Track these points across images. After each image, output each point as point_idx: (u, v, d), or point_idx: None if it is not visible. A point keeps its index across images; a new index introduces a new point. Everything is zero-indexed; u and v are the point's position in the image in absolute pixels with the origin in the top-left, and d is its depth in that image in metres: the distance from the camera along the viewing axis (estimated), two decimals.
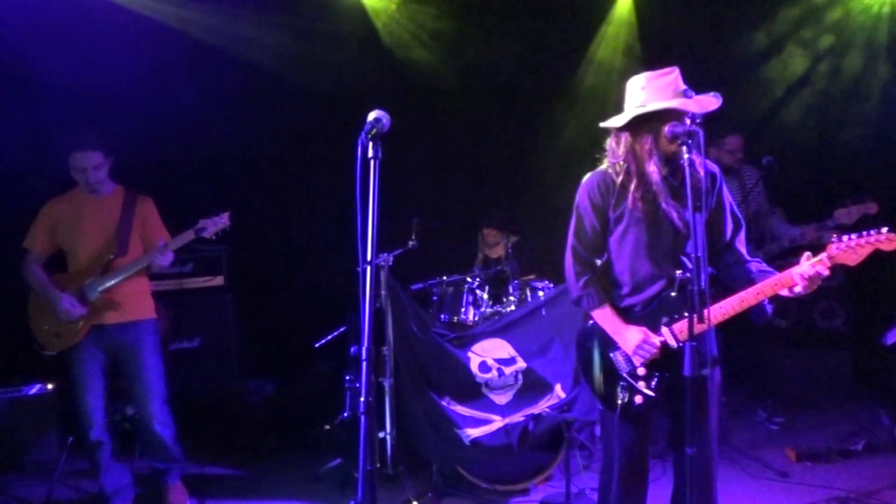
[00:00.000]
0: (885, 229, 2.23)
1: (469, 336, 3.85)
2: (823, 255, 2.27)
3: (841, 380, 5.08)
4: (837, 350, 5.16)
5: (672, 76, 2.42)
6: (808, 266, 2.26)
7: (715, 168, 2.55)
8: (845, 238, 2.25)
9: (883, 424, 4.42)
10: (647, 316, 2.46)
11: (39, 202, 3.50)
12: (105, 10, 4.81)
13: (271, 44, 5.39)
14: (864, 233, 2.24)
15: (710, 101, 2.38)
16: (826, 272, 2.25)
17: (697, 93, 2.39)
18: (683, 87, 2.39)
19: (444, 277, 4.34)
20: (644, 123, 2.42)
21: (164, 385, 3.51)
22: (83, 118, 4.54)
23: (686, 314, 2.32)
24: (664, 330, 2.41)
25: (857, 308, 5.26)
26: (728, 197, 2.56)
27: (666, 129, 2.31)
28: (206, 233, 3.44)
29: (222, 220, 3.48)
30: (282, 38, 5.41)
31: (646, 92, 2.43)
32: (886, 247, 2.22)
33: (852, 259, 2.26)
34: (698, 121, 2.33)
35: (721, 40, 5.60)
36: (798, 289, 2.28)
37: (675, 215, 2.42)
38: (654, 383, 2.42)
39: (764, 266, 2.51)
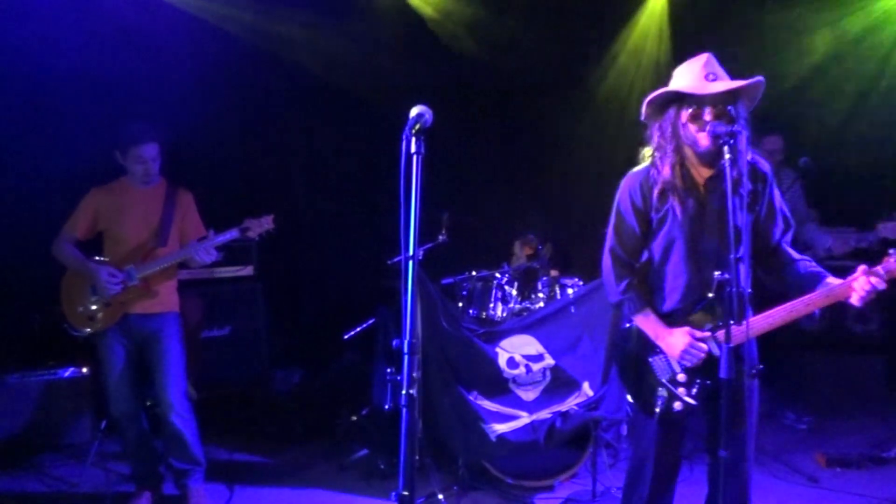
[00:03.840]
0: None
1: (498, 332, 3.85)
2: (880, 269, 2.19)
3: (874, 385, 5.00)
4: (871, 355, 5.07)
5: (700, 61, 2.35)
6: (865, 282, 2.19)
7: (767, 168, 2.45)
8: None
9: None
10: (691, 322, 2.39)
11: (75, 189, 3.54)
12: (145, 8, 4.88)
13: (308, 41, 5.42)
14: None
15: (725, 84, 2.28)
16: (883, 286, 2.18)
17: (734, 77, 2.32)
18: (708, 71, 2.31)
19: (474, 272, 4.34)
20: (664, 111, 2.38)
21: (184, 376, 3.50)
22: (123, 114, 4.60)
23: (731, 321, 2.29)
24: (708, 336, 2.35)
25: (892, 312, 5.15)
26: (779, 198, 2.49)
27: (707, 127, 2.27)
28: (251, 233, 3.50)
29: (267, 223, 3.53)
30: (317, 35, 5.44)
31: (673, 79, 2.41)
32: None
33: None
34: (740, 118, 2.27)
35: (761, 37, 5.50)
36: (854, 301, 2.22)
37: (720, 218, 2.34)
38: (694, 390, 2.36)
39: (814, 266, 2.43)
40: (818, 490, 3.65)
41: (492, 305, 4.25)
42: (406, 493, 1.58)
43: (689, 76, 2.35)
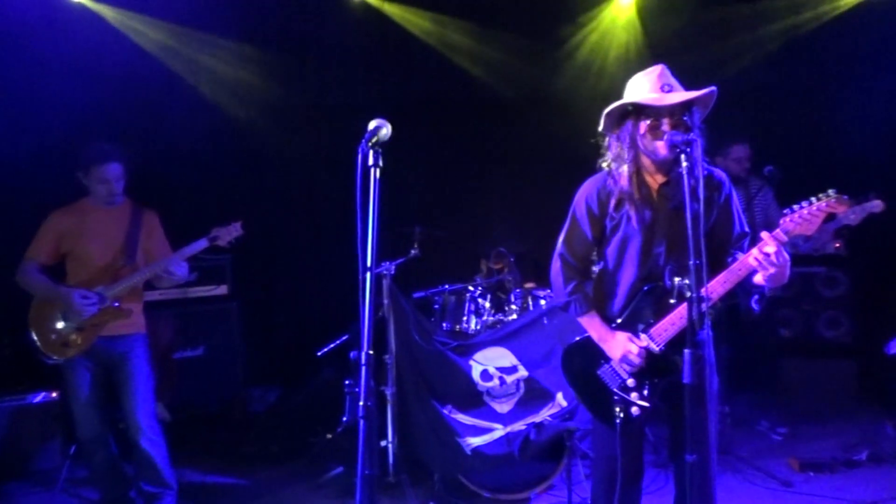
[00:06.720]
0: (832, 191, 2.22)
1: (471, 344, 3.86)
2: (777, 232, 2.26)
3: (845, 389, 5.07)
4: (842, 360, 5.14)
5: (654, 73, 2.41)
6: (758, 249, 2.25)
7: (723, 176, 2.52)
8: (796, 208, 2.24)
9: (887, 434, 4.37)
10: (626, 325, 2.46)
11: (39, 212, 3.49)
12: (109, 25, 4.89)
13: (276, 53, 5.44)
14: (814, 199, 2.23)
15: (682, 95, 2.33)
16: (775, 249, 2.21)
17: (688, 88, 2.37)
18: (664, 82, 2.36)
19: (447, 286, 4.35)
20: (622, 122, 2.42)
21: (152, 398, 3.46)
22: (90, 131, 4.57)
23: (660, 317, 2.36)
24: (643, 336, 2.41)
25: (861, 318, 5.24)
26: (737, 205, 2.54)
27: (665, 137, 2.31)
28: (221, 241, 3.47)
29: (235, 230, 3.50)
30: (287, 47, 5.47)
31: (628, 91, 2.45)
32: (838, 209, 2.23)
33: (808, 229, 2.24)
34: (695, 127, 2.32)
35: (725, 47, 5.61)
36: (760, 271, 2.24)
37: (671, 224, 2.40)
38: (646, 392, 2.41)
39: None
40: (792, 494, 3.68)
41: (465, 318, 4.27)
42: None
43: (645, 88, 2.40)
